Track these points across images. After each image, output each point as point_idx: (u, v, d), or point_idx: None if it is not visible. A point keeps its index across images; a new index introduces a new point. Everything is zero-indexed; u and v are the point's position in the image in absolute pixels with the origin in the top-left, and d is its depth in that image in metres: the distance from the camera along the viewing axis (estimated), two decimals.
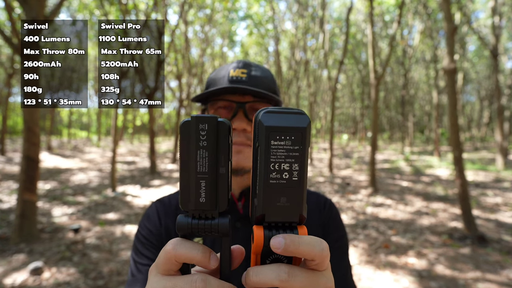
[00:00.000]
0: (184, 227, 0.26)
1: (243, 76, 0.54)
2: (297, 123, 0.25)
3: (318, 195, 0.63)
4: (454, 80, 3.56)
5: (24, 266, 2.68)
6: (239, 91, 0.52)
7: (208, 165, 0.26)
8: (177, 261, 0.26)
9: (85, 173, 8.87)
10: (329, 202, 0.62)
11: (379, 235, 3.64)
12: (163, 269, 0.27)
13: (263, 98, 0.54)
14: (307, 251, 0.25)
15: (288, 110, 0.25)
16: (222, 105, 0.55)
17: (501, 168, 8.84)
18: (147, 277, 0.50)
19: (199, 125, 0.25)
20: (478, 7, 17.41)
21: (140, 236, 0.58)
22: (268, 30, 16.52)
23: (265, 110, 0.25)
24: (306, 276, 0.25)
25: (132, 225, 3.98)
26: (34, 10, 2.82)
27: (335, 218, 0.60)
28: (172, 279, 0.26)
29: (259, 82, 0.55)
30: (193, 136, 0.25)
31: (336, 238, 0.58)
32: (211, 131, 0.25)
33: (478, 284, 2.46)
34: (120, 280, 2.56)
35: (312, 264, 0.26)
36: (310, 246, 0.25)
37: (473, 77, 24.11)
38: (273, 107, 0.26)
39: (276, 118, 0.25)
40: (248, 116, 0.53)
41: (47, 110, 16.90)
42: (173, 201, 0.62)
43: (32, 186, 3.08)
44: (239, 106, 0.53)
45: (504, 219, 4.22)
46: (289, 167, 0.25)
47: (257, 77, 0.55)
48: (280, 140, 0.25)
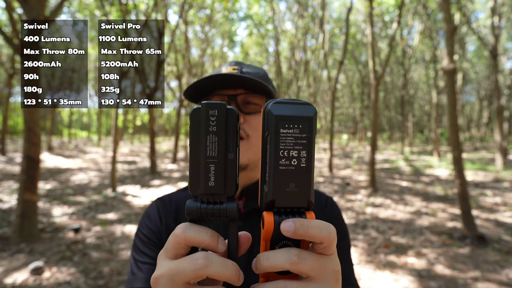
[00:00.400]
0: (193, 211, 0.27)
1: (234, 72, 0.54)
2: (305, 113, 0.26)
3: (320, 193, 0.62)
4: (453, 80, 3.56)
5: (24, 266, 2.69)
6: (230, 83, 0.52)
7: (217, 150, 0.26)
8: (186, 245, 0.27)
9: (86, 173, 8.87)
10: (331, 201, 0.62)
11: (379, 235, 3.64)
12: (172, 254, 0.27)
13: (254, 89, 0.53)
14: (315, 234, 0.25)
15: (295, 101, 0.27)
16: (215, 100, 0.56)
17: (500, 168, 8.85)
18: (147, 275, 0.51)
19: (209, 111, 0.26)
20: (478, 7, 17.43)
21: (141, 234, 0.58)
22: (268, 31, 16.53)
23: (274, 101, 0.27)
24: (315, 259, 0.26)
25: (132, 225, 3.99)
26: (34, 10, 2.82)
27: (337, 217, 0.60)
28: (177, 261, 0.26)
29: (251, 75, 0.55)
30: (203, 122, 0.26)
31: (338, 237, 0.57)
32: (220, 117, 0.26)
33: (477, 283, 2.47)
34: (120, 280, 2.56)
35: (320, 247, 0.27)
36: (319, 229, 0.26)
37: (473, 77, 24.13)
38: (281, 98, 0.27)
39: (285, 108, 0.26)
40: (241, 108, 0.53)
41: (47, 110, 16.91)
42: (173, 200, 0.62)
43: (33, 186, 3.08)
44: (231, 99, 0.53)
45: (504, 219, 4.23)
46: (298, 154, 0.26)
47: (249, 73, 0.55)
48: (289, 128, 0.26)
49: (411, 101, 21.38)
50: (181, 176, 8.42)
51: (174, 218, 0.59)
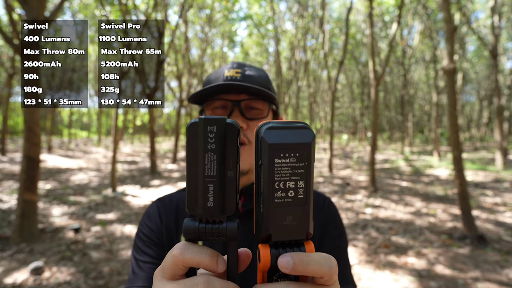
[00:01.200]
0: (191, 231, 0.26)
1: (237, 76, 0.55)
2: (302, 139, 0.24)
3: (318, 194, 0.63)
4: (453, 80, 3.56)
5: (24, 266, 2.69)
6: (232, 88, 0.52)
7: (216, 169, 0.25)
8: (184, 266, 0.25)
9: (85, 173, 8.87)
10: (328, 201, 0.63)
11: (379, 235, 3.64)
12: (169, 274, 0.26)
13: (257, 95, 0.54)
14: (315, 270, 0.24)
15: (291, 125, 0.24)
16: (218, 105, 0.55)
17: (500, 168, 8.85)
18: (148, 274, 0.51)
19: (207, 127, 0.24)
20: (478, 7, 17.43)
21: (141, 234, 0.59)
22: (268, 31, 16.53)
23: (268, 125, 0.24)
24: None
25: (132, 225, 3.99)
26: (34, 10, 2.82)
27: (334, 217, 0.60)
28: (176, 284, 0.25)
29: (253, 81, 0.55)
30: (201, 139, 0.24)
31: (335, 236, 0.58)
32: (219, 134, 0.25)
33: (477, 283, 2.47)
34: (120, 280, 2.56)
35: (321, 281, 0.25)
36: (319, 264, 0.24)
37: (473, 77, 24.13)
38: (275, 121, 0.25)
39: (280, 134, 0.24)
40: (244, 114, 0.53)
41: (47, 110, 16.92)
42: (174, 201, 0.62)
43: (33, 186, 3.08)
44: (234, 105, 0.53)
45: (504, 219, 4.23)
46: (295, 185, 0.24)
47: (251, 76, 0.56)
48: (285, 158, 0.23)
49: (411, 101, 21.38)
50: (181, 176, 8.42)
51: (174, 218, 0.59)
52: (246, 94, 0.54)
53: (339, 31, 17.88)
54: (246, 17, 15.83)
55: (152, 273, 0.51)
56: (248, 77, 0.55)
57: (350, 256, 0.58)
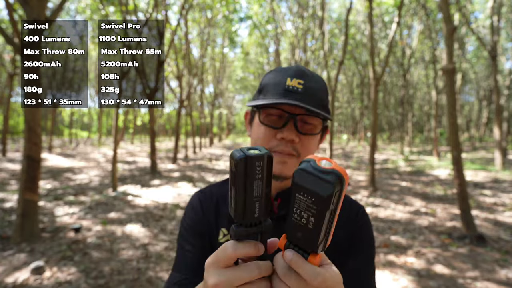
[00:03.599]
0: (242, 235, 0.34)
1: (299, 87, 0.54)
2: (320, 190, 0.28)
3: (351, 201, 0.63)
4: (453, 80, 3.58)
5: (25, 266, 2.69)
6: (295, 106, 0.52)
7: (261, 191, 0.32)
8: (236, 259, 0.33)
9: (86, 172, 8.88)
10: (362, 211, 0.63)
11: (379, 235, 3.65)
12: (224, 265, 0.33)
13: (314, 113, 0.54)
14: (306, 277, 0.31)
15: (320, 174, 0.28)
16: (274, 113, 0.55)
17: (499, 168, 8.87)
18: (190, 261, 0.58)
19: (256, 162, 0.31)
20: (477, 8, 17.46)
21: (185, 224, 0.64)
22: (268, 31, 16.55)
23: (301, 167, 0.30)
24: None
25: (133, 225, 4.00)
26: (35, 11, 2.83)
27: (364, 226, 0.61)
28: (233, 270, 0.33)
29: (313, 95, 0.54)
30: (251, 172, 0.31)
31: (361, 247, 0.60)
32: (265, 166, 0.32)
33: (476, 283, 2.48)
34: (121, 279, 2.57)
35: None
36: (308, 275, 0.31)
37: (472, 77, 24.17)
38: (310, 167, 0.29)
39: (306, 178, 0.29)
40: (298, 127, 0.54)
41: (48, 110, 16.94)
42: (214, 194, 0.66)
43: (34, 185, 3.09)
44: (290, 117, 0.53)
45: (503, 218, 4.24)
46: (307, 217, 0.30)
47: (312, 89, 0.55)
48: (303, 196, 0.29)
49: (411, 101, 21.40)
50: (181, 175, 8.43)
51: (214, 212, 0.63)
52: (304, 110, 0.54)
53: (339, 31, 17.91)
54: (246, 17, 15.84)
55: (194, 261, 0.58)
56: (309, 90, 0.54)
57: (375, 268, 0.60)
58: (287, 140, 0.53)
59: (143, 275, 2.66)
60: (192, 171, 9.38)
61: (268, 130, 0.54)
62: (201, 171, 9.42)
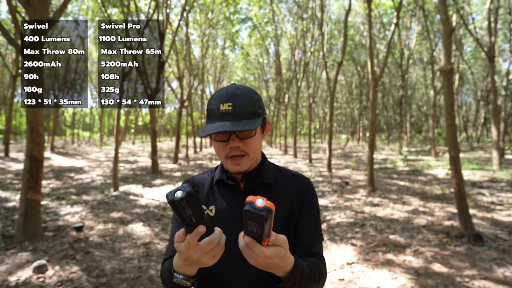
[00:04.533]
0: (189, 232, 0.55)
1: (229, 109, 0.71)
2: (259, 219, 0.49)
3: (298, 176, 0.83)
4: (451, 81, 3.62)
5: (28, 264, 2.71)
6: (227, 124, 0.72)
7: (192, 211, 0.52)
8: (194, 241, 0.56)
9: (88, 172, 8.89)
10: (307, 181, 0.82)
11: (377, 234, 3.69)
12: (192, 245, 0.55)
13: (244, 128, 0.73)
14: (256, 251, 0.53)
15: (257, 211, 0.48)
16: (221, 132, 0.73)
17: (497, 168, 8.93)
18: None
19: (179, 203, 0.50)
20: (474, 9, 17.55)
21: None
22: (268, 32, 16.58)
23: (246, 209, 0.49)
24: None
25: (134, 224, 4.02)
26: (37, 12, 2.85)
27: (309, 193, 0.80)
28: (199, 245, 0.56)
29: (241, 110, 0.72)
30: (179, 207, 0.51)
31: (310, 209, 0.79)
32: (187, 200, 0.51)
33: (474, 281, 2.51)
34: (122, 278, 2.59)
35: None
36: (257, 250, 0.53)
37: (469, 78, 24.28)
38: (252, 207, 0.49)
39: (251, 214, 0.49)
40: (238, 136, 0.72)
41: (50, 110, 16.94)
42: (195, 181, 0.84)
43: (36, 185, 3.11)
44: (231, 132, 0.72)
45: (500, 217, 4.29)
46: (256, 230, 0.50)
47: (240, 106, 0.72)
48: (252, 221, 0.50)
49: (409, 102, 21.48)
50: (182, 175, 8.45)
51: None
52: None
53: (338, 32, 17.96)
54: (246, 18, 15.86)
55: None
56: (238, 108, 0.71)
57: (320, 219, 0.82)
58: (234, 147, 0.72)
59: (144, 273, 2.68)
60: (193, 171, 9.41)
61: (220, 144, 0.73)
62: (201, 170, 9.43)
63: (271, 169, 0.81)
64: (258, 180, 0.77)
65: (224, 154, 0.73)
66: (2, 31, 2.99)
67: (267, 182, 0.77)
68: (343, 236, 3.65)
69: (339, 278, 2.64)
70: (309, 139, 11.93)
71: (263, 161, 0.81)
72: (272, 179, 0.78)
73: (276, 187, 0.78)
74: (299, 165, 11.10)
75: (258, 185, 0.77)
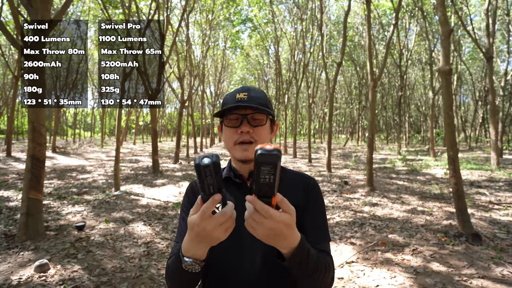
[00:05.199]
0: (204, 199, 0.55)
1: (245, 97, 0.77)
2: (273, 159, 0.48)
3: (304, 176, 0.86)
4: (449, 81, 3.65)
5: (30, 263, 2.73)
6: (242, 107, 0.77)
7: (212, 180, 0.52)
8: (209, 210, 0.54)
9: (89, 172, 8.90)
10: (313, 181, 0.85)
11: (376, 233, 3.71)
12: (207, 215, 0.54)
13: (258, 110, 0.78)
14: (262, 212, 0.51)
15: (269, 152, 0.48)
16: (233, 117, 0.77)
17: (495, 167, 8.98)
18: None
19: (205, 169, 0.51)
20: (473, 10, 17.61)
21: (182, 205, 0.85)
22: (268, 33, 16.60)
23: (259, 153, 0.48)
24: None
25: (135, 223, 4.03)
26: (39, 13, 2.86)
27: (315, 192, 0.84)
28: (213, 216, 0.55)
29: (256, 100, 0.78)
30: (203, 173, 0.52)
31: (317, 208, 0.82)
32: (212, 168, 0.51)
33: (472, 280, 2.53)
34: (123, 277, 2.61)
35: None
36: (263, 210, 0.51)
37: (468, 78, 24.36)
38: (263, 150, 0.48)
39: (264, 156, 0.48)
40: (250, 122, 0.76)
41: (52, 110, 16.97)
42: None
43: (38, 185, 3.13)
44: (243, 117, 0.76)
45: (498, 217, 4.32)
46: (269, 177, 0.49)
47: (254, 97, 0.78)
48: (265, 166, 0.48)
49: (408, 102, 21.53)
50: (182, 175, 8.46)
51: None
52: (251, 109, 0.77)
53: (337, 33, 18.00)
54: (247, 19, 15.89)
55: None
56: (253, 98, 0.77)
57: (326, 215, 0.85)
58: (244, 132, 0.75)
59: (145, 272, 2.70)
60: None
61: (231, 130, 0.77)
62: None
63: None
64: None
65: (233, 140, 0.76)
66: (4, 31, 3.01)
67: None
68: (342, 235, 3.68)
69: (338, 277, 2.66)
70: (308, 139, 11.96)
71: None
72: None
73: (282, 187, 0.81)
74: (298, 165, 11.13)
75: None
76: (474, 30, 10.29)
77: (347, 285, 2.52)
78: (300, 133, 33.55)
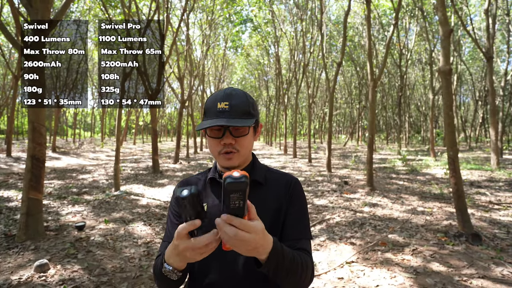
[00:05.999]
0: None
1: (226, 108, 0.75)
2: (241, 186, 0.50)
3: (286, 175, 0.87)
4: (449, 81, 3.65)
5: (30, 263, 2.73)
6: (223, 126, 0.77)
7: (191, 210, 0.55)
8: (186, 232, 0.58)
9: (89, 172, 8.90)
10: (295, 181, 0.86)
11: (376, 233, 3.71)
12: (183, 236, 0.57)
13: (239, 125, 0.78)
14: (235, 224, 0.53)
15: (237, 180, 0.50)
16: (215, 129, 0.77)
17: (495, 168, 8.98)
18: (172, 233, 0.72)
19: (182, 200, 0.54)
20: (473, 10, 17.62)
21: (172, 208, 0.85)
22: (268, 34, 16.61)
23: (227, 182, 0.50)
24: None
25: (135, 223, 4.04)
26: (39, 13, 2.87)
27: (296, 190, 0.85)
28: (191, 240, 0.58)
29: (237, 109, 0.76)
30: (181, 205, 0.55)
31: (298, 206, 0.83)
32: (188, 199, 0.54)
33: (472, 280, 2.52)
34: (123, 277, 2.61)
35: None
36: (237, 223, 0.53)
37: (468, 78, 24.37)
38: (232, 178, 0.50)
39: (232, 184, 0.50)
40: (232, 134, 0.76)
41: (52, 110, 17.00)
42: (189, 183, 0.88)
43: (38, 185, 3.13)
44: (225, 129, 0.76)
45: (498, 217, 4.32)
46: (238, 202, 0.52)
47: (236, 106, 0.76)
48: (235, 193, 0.51)
49: (408, 102, 21.53)
50: (183, 175, 8.46)
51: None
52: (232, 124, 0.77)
53: (337, 33, 18.01)
54: (247, 18, 15.90)
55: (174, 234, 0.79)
56: (234, 107, 0.76)
57: (308, 214, 0.85)
58: (227, 144, 0.76)
59: (145, 272, 2.70)
60: (194, 170, 9.42)
61: (214, 140, 0.77)
62: (202, 170, 9.44)
63: (261, 170, 0.85)
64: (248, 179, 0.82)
65: (217, 150, 0.77)
66: (3, 31, 3.01)
67: (258, 181, 0.81)
68: (342, 235, 3.68)
69: (338, 277, 2.66)
70: (308, 139, 11.96)
71: (254, 161, 0.85)
72: (262, 179, 0.82)
73: (266, 186, 0.82)
74: (298, 165, 11.13)
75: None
76: (474, 30, 10.29)
77: (347, 285, 2.52)
78: (300, 133, 33.57)
